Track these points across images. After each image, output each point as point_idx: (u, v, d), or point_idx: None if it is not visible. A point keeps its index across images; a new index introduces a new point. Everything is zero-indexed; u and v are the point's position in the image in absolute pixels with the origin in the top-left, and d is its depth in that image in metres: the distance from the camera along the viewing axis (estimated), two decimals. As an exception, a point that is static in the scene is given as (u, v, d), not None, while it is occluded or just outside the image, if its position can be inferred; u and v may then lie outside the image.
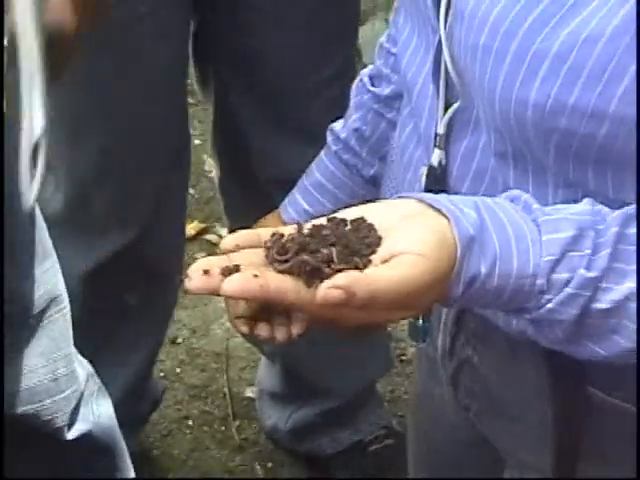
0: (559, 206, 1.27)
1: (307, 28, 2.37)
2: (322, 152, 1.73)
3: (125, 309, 2.49)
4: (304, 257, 1.14)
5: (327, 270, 1.14)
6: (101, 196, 2.37)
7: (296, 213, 1.73)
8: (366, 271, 1.15)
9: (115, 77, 2.25)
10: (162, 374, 2.84)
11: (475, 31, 1.31)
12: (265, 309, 1.26)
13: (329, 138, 1.72)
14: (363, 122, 1.68)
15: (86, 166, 2.33)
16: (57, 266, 1.94)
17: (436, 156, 1.41)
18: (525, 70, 1.28)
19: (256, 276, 1.13)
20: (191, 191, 3.29)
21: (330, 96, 2.44)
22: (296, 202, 1.74)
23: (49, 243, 1.91)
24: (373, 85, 1.66)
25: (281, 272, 1.15)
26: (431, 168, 1.41)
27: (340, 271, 1.14)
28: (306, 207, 1.73)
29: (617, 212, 1.26)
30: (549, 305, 1.23)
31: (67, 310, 1.96)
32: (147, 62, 2.27)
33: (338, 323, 1.18)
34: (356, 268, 1.15)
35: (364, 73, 1.69)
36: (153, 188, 2.42)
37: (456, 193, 1.36)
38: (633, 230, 1.24)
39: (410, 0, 1.44)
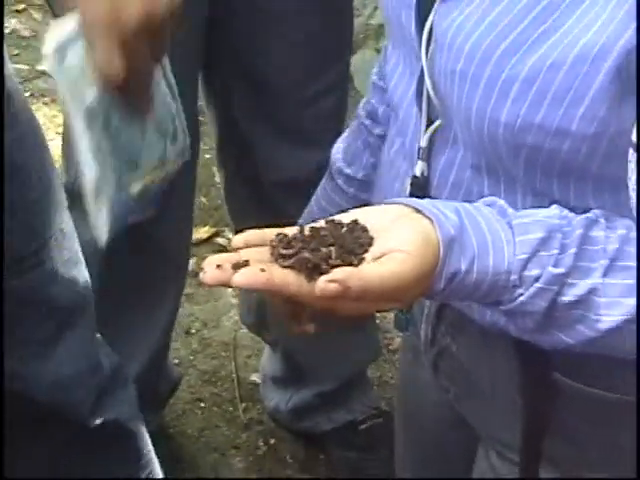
0: (530, 210, 1.27)
1: (306, 45, 2.36)
2: (327, 184, 1.71)
3: (137, 286, 2.48)
4: (305, 255, 1.15)
5: (325, 266, 1.15)
6: None
7: None
8: (360, 267, 1.15)
9: None
10: (177, 361, 2.84)
11: (453, 59, 1.31)
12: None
13: (339, 178, 1.68)
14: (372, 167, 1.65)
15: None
16: (85, 271, 1.93)
17: (419, 167, 1.41)
18: (497, 93, 1.28)
19: (263, 270, 1.14)
20: (203, 199, 3.30)
21: (325, 106, 2.44)
22: None
23: (79, 251, 1.91)
24: (372, 122, 1.64)
25: (285, 267, 1.16)
26: (415, 178, 1.41)
27: (337, 267, 1.14)
28: None
29: (581, 216, 1.26)
30: (521, 298, 1.23)
31: (91, 302, 1.95)
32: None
33: (335, 313, 1.18)
34: (351, 265, 1.15)
35: (361, 112, 1.67)
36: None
37: None
38: (595, 233, 1.25)
39: (397, 30, 1.44)
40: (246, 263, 1.15)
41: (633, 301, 1.24)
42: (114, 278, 2.41)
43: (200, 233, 3.25)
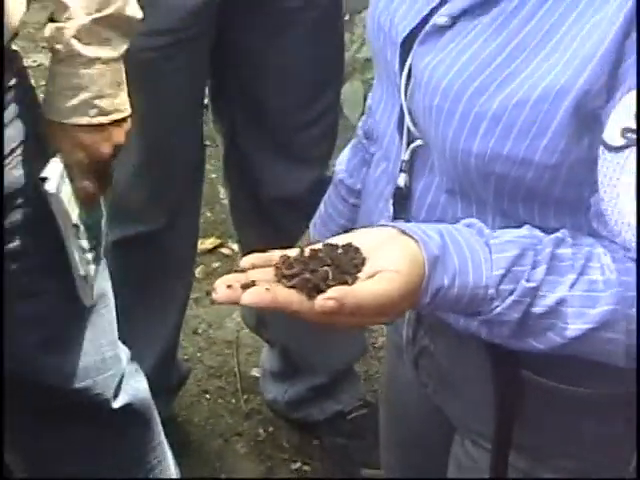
0: (505, 230, 1.27)
1: (301, 77, 2.36)
2: (332, 193, 1.71)
3: (148, 286, 2.47)
4: (306, 276, 1.15)
5: (323, 286, 1.14)
6: (137, 195, 2.36)
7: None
8: (354, 286, 1.15)
9: (148, 107, 2.24)
10: (186, 357, 2.84)
11: (430, 95, 1.31)
12: None
13: (342, 189, 1.68)
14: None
15: (126, 172, 2.32)
16: (106, 269, 1.94)
17: (402, 179, 1.40)
18: (469, 127, 1.28)
19: (268, 290, 1.14)
20: (209, 214, 3.29)
21: (318, 131, 2.44)
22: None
23: (101, 248, 1.91)
24: (368, 141, 1.63)
25: (288, 287, 1.16)
26: (398, 189, 1.40)
27: (333, 286, 1.14)
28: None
29: (551, 236, 1.26)
30: (498, 309, 1.23)
31: (112, 305, 1.96)
32: (174, 97, 2.27)
33: (333, 326, 1.18)
34: (346, 283, 1.15)
35: (359, 131, 1.67)
36: (176, 192, 2.42)
37: (416, 221, 1.36)
38: (563, 250, 1.24)
39: (382, 65, 1.44)
40: (253, 283, 1.15)
41: (597, 311, 1.24)
42: (129, 283, 2.41)
43: (206, 244, 3.24)
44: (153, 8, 2.14)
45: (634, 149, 0.90)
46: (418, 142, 1.38)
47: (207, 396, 2.82)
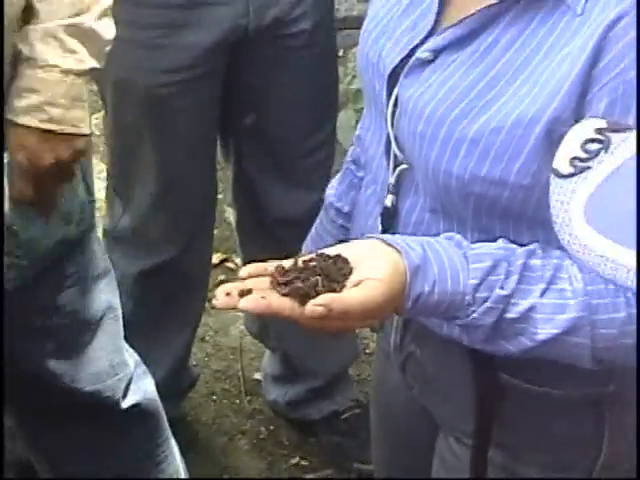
0: (481, 244, 1.27)
1: (302, 110, 2.36)
2: (323, 215, 1.70)
3: (167, 308, 2.47)
4: (298, 284, 1.17)
5: (313, 293, 1.16)
6: (155, 225, 2.36)
7: None
8: (341, 293, 1.16)
9: (163, 140, 2.24)
10: (194, 362, 2.83)
11: (414, 122, 1.32)
12: None
13: (331, 211, 1.67)
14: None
15: (145, 204, 2.32)
16: (114, 281, 1.93)
17: (389, 199, 1.40)
18: (450, 151, 1.28)
19: (263, 297, 1.15)
20: (215, 231, 3.28)
21: (319, 157, 2.44)
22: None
23: (108, 262, 1.91)
24: (356, 167, 1.63)
25: (282, 295, 1.16)
26: (385, 208, 1.41)
27: (323, 293, 1.15)
28: None
29: (523, 248, 1.26)
30: (474, 315, 1.24)
31: (119, 314, 1.96)
32: (188, 131, 2.27)
33: (323, 329, 1.19)
34: (334, 291, 1.16)
35: (348, 158, 1.66)
36: (191, 221, 2.42)
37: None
38: (534, 262, 1.25)
39: (371, 96, 1.44)
40: (250, 291, 1.17)
41: (565, 317, 1.24)
42: (147, 300, 2.41)
43: (213, 258, 3.24)
44: (170, 47, 2.16)
45: (582, 175, 0.90)
46: (403, 166, 1.38)
47: (214, 397, 2.82)
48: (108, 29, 1.66)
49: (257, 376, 2.84)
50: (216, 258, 3.26)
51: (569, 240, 0.89)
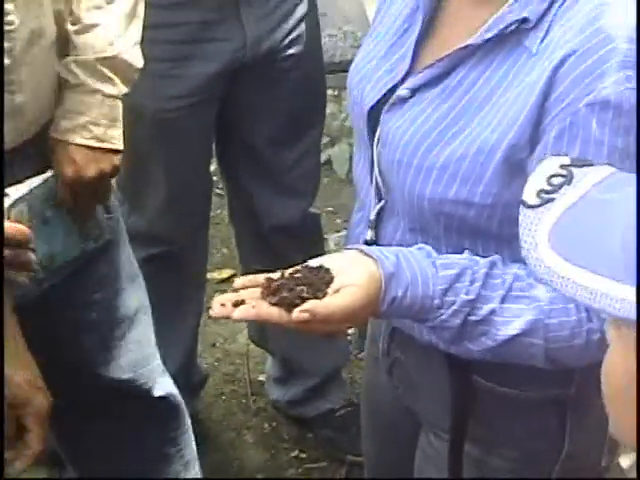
0: (450, 255, 1.28)
1: (289, 121, 2.35)
2: None
3: (170, 303, 2.42)
4: (285, 294, 1.18)
5: (299, 301, 1.17)
6: (162, 222, 2.36)
7: None
8: (323, 300, 1.17)
9: (170, 154, 2.25)
10: (206, 366, 2.83)
11: (393, 151, 1.33)
12: None
13: None
14: None
15: (155, 205, 2.33)
16: (142, 282, 1.93)
17: (369, 234, 1.41)
18: (422, 176, 1.29)
19: (253, 307, 1.17)
20: (225, 250, 3.29)
21: (307, 167, 2.43)
22: None
23: (136, 265, 1.90)
24: None
25: (271, 304, 1.18)
26: (366, 242, 1.41)
27: (307, 300, 1.17)
28: None
29: (485, 260, 1.27)
30: (442, 317, 1.24)
31: (149, 311, 1.95)
32: (190, 147, 2.28)
33: (311, 332, 1.21)
34: (317, 298, 1.17)
35: None
36: (192, 222, 2.42)
37: None
38: (495, 271, 1.26)
39: (359, 132, 1.45)
40: (242, 302, 1.18)
41: (522, 320, 1.24)
42: (156, 292, 2.38)
43: (223, 274, 3.23)
44: (179, 77, 2.18)
45: (547, 206, 0.91)
46: (381, 203, 1.39)
47: (223, 397, 2.81)
48: (137, 59, 1.71)
49: (261, 378, 2.83)
50: (226, 273, 3.25)
51: (535, 263, 0.89)
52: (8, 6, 1.50)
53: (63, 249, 1.71)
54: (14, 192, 1.58)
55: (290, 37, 2.27)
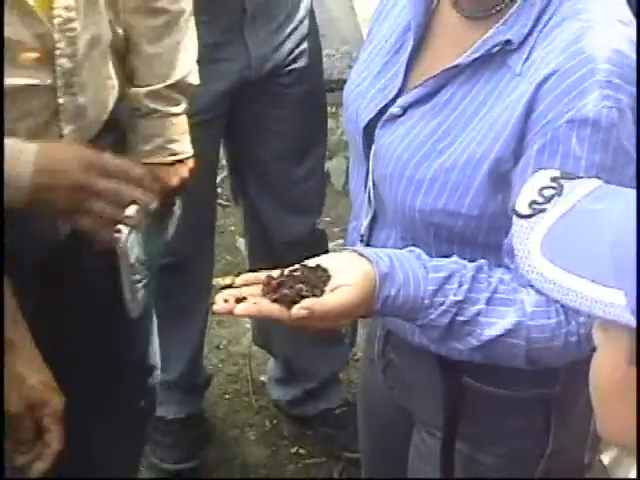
0: (439, 259, 1.28)
1: (291, 139, 2.34)
2: None
3: (177, 308, 2.41)
4: (285, 291, 1.18)
5: (298, 298, 1.17)
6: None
7: None
8: (321, 298, 1.17)
9: None
10: (211, 367, 2.82)
11: (385, 164, 1.33)
12: None
13: None
14: None
15: None
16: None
17: (360, 245, 1.41)
18: (413, 188, 1.30)
19: (255, 303, 1.17)
20: (229, 257, 3.29)
21: (312, 185, 2.42)
22: None
23: (154, 276, 1.89)
24: None
25: (272, 301, 1.17)
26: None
27: (306, 298, 1.17)
28: None
29: (472, 264, 1.27)
30: (431, 316, 1.24)
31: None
32: (199, 160, 2.28)
33: (309, 328, 1.21)
34: (315, 296, 1.17)
35: None
36: (201, 230, 2.41)
37: None
38: (481, 275, 1.26)
39: (354, 146, 1.45)
40: (244, 298, 1.17)
41: (505, 322, 1.25)
42: (166, 299, 2.38)
43: (226, 280, 3.22)
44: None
45: (539, 216, 0.92)
46: (372, 213, 1.40)
47: (227, 396, 2.80)
48: (195, 77, 1.77)
49: (263, 378, 2.82)
50: (229, 280, 3.25)
51: (528, 270, 0.90)
52: (71, 14, 1.52)
53: (157, 249, 1.75)
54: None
55: (292, 56, 2.28)
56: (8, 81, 1.46)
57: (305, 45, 2.29)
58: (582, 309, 0.83)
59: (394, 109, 1.33)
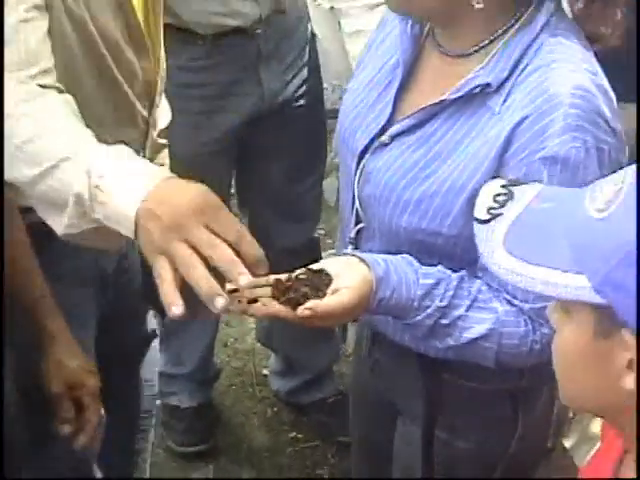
0: (427, 267, 1.27)
1: (298, 162, 2.33)
2: None
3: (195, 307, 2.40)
4: (291, 295, 1.17)
5: (303, 300, 1.16)
6: None
7: None
8: (323, 299, 1.17)
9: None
10: (219, 361, 2.81)
11: (374, 187, 1.33)
12: None
13: None
14: None
15: None
16: None
17: (349, 249, 1.39)
18: (400, 209, 1.29)
19: (264, 305, 1.16)
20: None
21: (312, 195, 2.41)
22: None
23: None
24: None
25: (280, 302, 1.17)
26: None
27: (310, 299, 1.16)
28: None
29: (456, 274, 1.27)
30: (418, 317, 1.24)
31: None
32: (212, 184, 2.25)
33: (312, 325, 1.19)
34: (318, 298, 1.17)
35: None
36: None
37: None
38: (463, 284, 1.26)
39: (344, 168, 1.43)
40: (255, 300, 1.17)
41: (481, 327, 1.25)
42: None
43: (233, 285, 3.22)
44: (208, 127, 2.19)
45: (497, 219, 0.93)
46: (360, 225, 1.39)
47: (233, 387, 2.80)
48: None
49: (265, 372, 2.82)
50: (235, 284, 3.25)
51: (494, 267, 0.90)
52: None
53: None
54: None
55: (299, 91, 2.28)
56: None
57: (310, 81, 2.30)
58: (548, 294, 0.84)
59: (383, 138, 1.33)
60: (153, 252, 1.05)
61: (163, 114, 1.63)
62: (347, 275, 1.20)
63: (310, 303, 1.16)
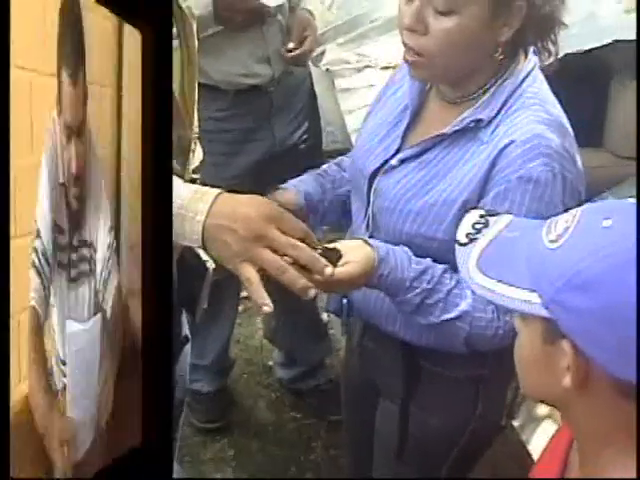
0: (419, 258, 1.27)
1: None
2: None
3: (214, 310, 2.33)
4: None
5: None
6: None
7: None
8: (335, 269, 1.15)
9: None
10: (233, 355, 2.79)
11: (383, 200, 1.32)
12: None
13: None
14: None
15: None
16: None
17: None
18: (403, 217, 1.29)
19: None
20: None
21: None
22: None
23: None
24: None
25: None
26: None
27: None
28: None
29: (441, 265, 1.27)
30: (408, 295, 1.24)
31: None
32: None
33: (327, 291, 1.21)
34: (332, 264, 1.15)
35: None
36: None
37: None
38: (446, 274, 1.26)
39: (357, 187, 1.42)
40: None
41: (458, 309, 1.25)
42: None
43: (245, 292, 3.21)
44: (229, 166, 2.16)
45: (474, 243, 0.93)
46: (370, 231, 1.37)
47: (245, 376, 2.77)
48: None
49: (270, 363, 2.80)
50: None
51: (470, 282, 0.90)
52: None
53: None
54: None
55: (303, 137, 2.29)
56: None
57: (311, 129, 2.31)
58: (508, 306, 0.84)
59: (393, 161, 1.34)
60: (235, 260, 1.04)
61: (197, 154, 1.58)
62: (355, 252, 1.21)
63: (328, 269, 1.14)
